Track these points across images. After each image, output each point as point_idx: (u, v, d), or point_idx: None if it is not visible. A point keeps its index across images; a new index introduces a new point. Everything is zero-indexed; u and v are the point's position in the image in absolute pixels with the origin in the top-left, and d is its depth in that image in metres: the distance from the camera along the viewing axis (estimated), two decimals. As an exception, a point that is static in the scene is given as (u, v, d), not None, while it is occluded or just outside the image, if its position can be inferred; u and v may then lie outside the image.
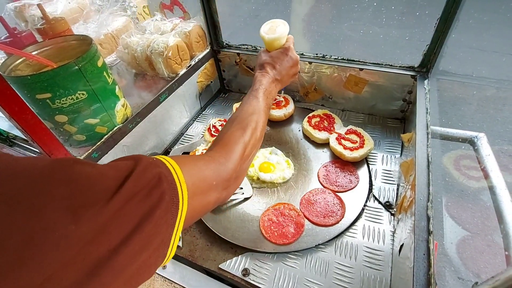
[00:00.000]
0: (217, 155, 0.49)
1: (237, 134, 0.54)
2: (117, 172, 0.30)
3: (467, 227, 0.96)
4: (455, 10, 0.72)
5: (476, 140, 0.80)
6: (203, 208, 0.43)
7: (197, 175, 0.41)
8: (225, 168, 0.48)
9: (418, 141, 0.68)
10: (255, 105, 0.61)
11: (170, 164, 0.36)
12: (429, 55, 0.83)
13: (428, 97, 0.79)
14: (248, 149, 0.54)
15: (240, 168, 0.52)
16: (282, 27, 0.72)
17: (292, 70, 0.73)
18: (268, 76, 0.68)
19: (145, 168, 0.32)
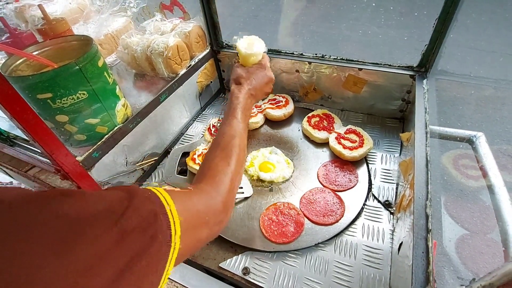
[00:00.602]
0: (208, 188, 0.49)
1: (223, 164, 0.54)
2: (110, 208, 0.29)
3: (466, 226, 0.96)
4: (454, 11, 0.73)
5: (475, 140, 0.81)
6: (194, 245, 0.43)
7: (190, 210, 0.41)
8: (216, 202, 0.48)
9: (417, 141, 0.68)
10: (235, 127, 0.61)
11: (164, 198, 0.36)
12: (428, 55, 0.84)
13: (427, 96, 0.79)
14: (235, 178, 0.54)
15: (229, 200, 0.52)
16: (258, 44, 0.74)
17: (266, 88, 0.73)
18: (244, 90, 0.68)
19: (140, 205, 0.31)
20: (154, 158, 0.96)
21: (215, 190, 0.49)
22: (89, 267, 0.24)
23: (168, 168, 0.92)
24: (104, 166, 0.77)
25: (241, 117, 0.63)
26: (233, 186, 0.54)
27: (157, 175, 0.95)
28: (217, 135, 0.61)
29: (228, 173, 0.53)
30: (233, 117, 0.63)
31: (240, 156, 0.57)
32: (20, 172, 0.95)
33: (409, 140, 0.79)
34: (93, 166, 0.74)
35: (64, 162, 0.63)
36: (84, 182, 0.71)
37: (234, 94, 0.67)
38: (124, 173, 0.85)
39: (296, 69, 1.04)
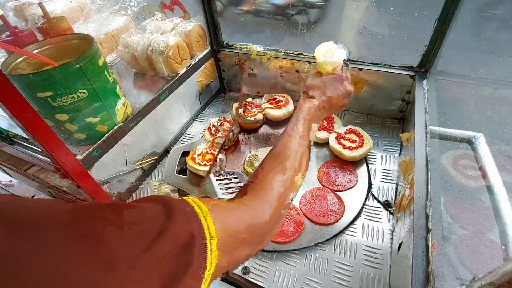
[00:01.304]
0: (255, 204, 0.44)
1: (278, 178, 0.48)
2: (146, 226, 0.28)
3: (465, 226, 0.96)
4: (453, 11, 0.73)
5: (474, 140, 0.81)
6: (230, 266, 0.38)
7: (230, 228, 0.37)
8: (262, 221, 0.42)
9: (417, 141, 0.68)
10: (299, 140, 0.54)
11: (202, 214, 0.33)
12: (428, 56, 0.84)
13: (427, 97, 0.79)
14: (288, 196, 0.48)
15: (276, 220, 0.46)
16: (340, 51, 0.66)
17: (343, 101, 0.64)
18: (315, 102, 0.60)
19: (178, 225, 0.30)
20: (154, 157, 0.96)
21: (262, 207, 0.44)
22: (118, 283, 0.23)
23: (168, 168, 0.92)
24: (104, 165, 0.77)
25: (306, 130, 0.56)
26: (283, 205, 0.47)
27: (157, 174, 0.95)
28: (277, 146, 0.54)
29: (280, 190, 0.47)
30: (297, 129, 0.55)
31: (298, 174, 0.51)
32: (19, 171, 0.95)
33: (409, 140, 0.79)
34: (93, 165, 0.74)
35: (64, 161, 0.63)
36: (84, 181, 0.70)
37: (303, 104, 0.60)
38: (124, 172, 0.85)
39: (296, 69, 1.04)
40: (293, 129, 0.55)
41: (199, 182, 0.86)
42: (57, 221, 0.24)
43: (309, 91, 0.63)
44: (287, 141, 0.54)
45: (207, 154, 0.90)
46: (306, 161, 0.54)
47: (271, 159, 0.51)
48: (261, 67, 1.11)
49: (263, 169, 0.50)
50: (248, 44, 1.10)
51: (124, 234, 0.26)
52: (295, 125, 0.56)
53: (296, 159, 0.52)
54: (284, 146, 0.53)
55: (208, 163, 0.87)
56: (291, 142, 0.53)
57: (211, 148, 0.92)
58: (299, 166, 0.52)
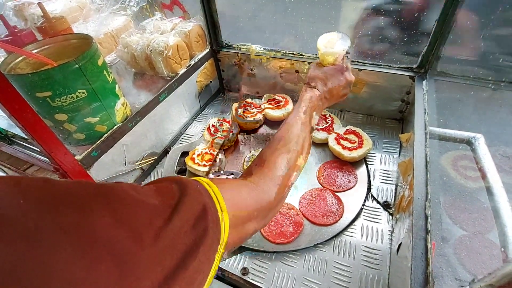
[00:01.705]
0: (261, 182, 0.46)
1: (282, 158, 0.51)
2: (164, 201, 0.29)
3: (464, 227, 0.96)
4: (453, 12, 0.73)
5: (474, 141, 0.81)
6: (240, 239, 0.41)
7: (239, 204, 0.39)
8: (268, 197, 0.45)
9: (416, 141, 0.68)
10: (301, 125, 0.57)
11: (212, 191, 0.35)
12: (427, 56, 0.84)
13: (426, 97, 0.79)
14: (292, 175, 0.51)
15: (281, 196, 0.49)
16: (341, 42, 0.67)
17: (343, 91, 0.67)
18: (317, 92, 0.63)
19: (191, 198, 0.31)
20: (153, 157, 0.96)
21: (267, 185, 0.46)
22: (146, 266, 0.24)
23: (167, 168, 0.92)
24: (103, 165, 0.77)
25: (308, 117, 0.60)
26: (287, 184, 0.50)
27: (156, 175, 0.95)
28: (281, 130, 0.57)
29: (285, 169, 0.50)
30: (300, 114, 0.59)
31: (301, 155, 0.55)
32: (18, 171, 0.95)
33: (409, 141, 0.79)
34: (92, 165, 0.74)
35: (63, 161, 0.63)
36: (83, 181, 0.70)
37: (305, 94, 0.63)
38: (123, 172, 0.85)
39: (295, 69, 1.04)
40: (296, 116, 0.59)
41: (198, 183, 0.86)
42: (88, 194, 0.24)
43: (311, 81, 0.65)
44: (290, 126, 0.57)
45: (207, 154, 0.90)
46: (308, 145, 0.57)
47: (275, 141, 0.54)
48: (261, 68, 1.11)
49: (267, 150, 0.53)
50: (247, 44, 1.10)
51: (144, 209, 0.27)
52: (298, 113, 0.59)
53: (299, 143, 0.55)
54: (287, 130, 0.56)
55: (207, 164, 0.87)
56: (294, 127, 0.56)
57: (210, 148, 0.92)
58: (302, 149, 0.55)
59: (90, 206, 0.24)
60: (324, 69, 0.67)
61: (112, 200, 0.25)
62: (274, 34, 2.88)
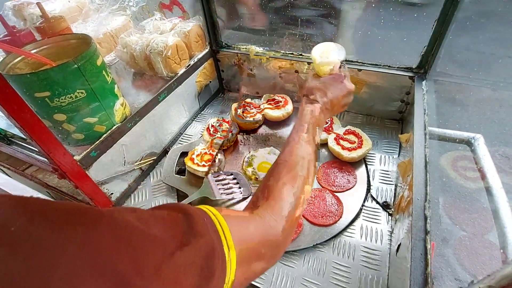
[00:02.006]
0: (267, 216, 0.43)
1: (288, 187, 0.48)
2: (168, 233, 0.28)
3: (464, 227, 0.96)
4: (453, 13, 0.73)
5: (473, 141, 0.81)
6: (246, 280, 0.38)
7: (247, 241, 0.37)
8: (275, 233, 0.43)
9: (416, 142, 0.68)
10: (305, 146, 0.54)
11: (219, 224, 0.34)
12: (427, 57, 0.84)
13: (426, 98, 0.79)
14: (300, 204, 0.48)
15: (290, 230, 0.46)
16: (337, 52, 0.66)
17: (345, 100, 0.65)
18: (317, 105, 0.60)
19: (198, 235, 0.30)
20: (152, 157, 0.96)
21: (274, 219, 0.44)
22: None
23: (166, 168, 0.92)
24: (102, 166, 0.77)
25: (311, 133, 0.56)
26: (296, 215, 0.47)
27: (155, 175, 0.95)
28: (283, 153, 0.53)
29: (292, 200, 0.47)
30: (302, 133, 0.55)
31: (308, 179, 0.51)
32: (17, 171, 0.95)
33: (408, 142, 0.79)
34: (91, 165, 0.74)
35: (61, 161, 0.63)
36: (82, 182, 0.70)
37: (305, 108, 0.59)
38: (122, 173, 0.85)
39: (295, 70, 1.04)
40: (298, 135, 0.55)
41: (197, 183, 0.86)
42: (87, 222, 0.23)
43: (309, 94, 0.62)
44: (293, 147, 0.53)
45: (206, 154, 0.90)
46: (314, 167, 0.54)
47: (279, 168, 0.50)
48: (260, 68, 1.11)
49: (272, 179, 0.49)
50: (247, 45, 1.10)
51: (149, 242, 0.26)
52: (300, 131, 0.56)
53: (304, 166, 0.51)
54: (291, 153, 0.52)
55: (206, 164, 0.87)
56: (298, 148, 0.53)
57: (209, 149, 0.92)
58: (307, 174, 0.51)
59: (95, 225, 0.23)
60: (322, 79, 0.65)
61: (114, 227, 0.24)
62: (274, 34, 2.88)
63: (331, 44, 0.68)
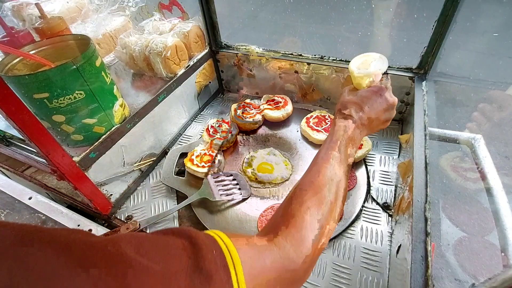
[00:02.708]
0: (287, 246, 0.38)
1: (313, 213, 0.42)
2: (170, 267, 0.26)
3: (464, 228, 0.96)
4: (453, 13, 0.73)
5: (474, 142, 0.81)
6: None
7: (261, 277, 0.33)
8: (295, 267, 0.37)
9: (416, 143, 0.68)
10: (335, 166, 0.48)
11: (232, 259, 0.30)
12: (427, 57, 0.84)
13: (426, 98, 0.79)
14: (324, 235, 0.42)
15: (311, 264, 0.41)
16: (378, 62, 0.60)
17: (385, 115, 0.57)
18: (351, 120, 0.53)
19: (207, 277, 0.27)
20: (151, 158, 0.96)
21: (295, 251, 0.38)
22: None
23: (165, 169, 0.91)
24: (101, 167, 0.77)
25: (344, 152, 0.50)
26: (320, 246, 0.42)
27: (155, 176, 0.94)
28: (310, 173, 0.48)
29: (316, 228, 0.41)
30: (333, 152, 0.49)
31: (335, 207, 0.45)
32: (16, 172, 0.95)
33: (408, 142, 0.79)
34: (90, 166, 0.74)
35: (60, 163, 0.62)
36: (81, 183, 0.70)
37: (338, 123, 0.53)
38: (121, 174, 0.84)
39: (295, 70, 1.04)
40: (328, 153, 0.49)
41: (197, 184, 0.85)
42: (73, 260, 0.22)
43: (343, 109, 0.56)
44: (321, 167, 0.47)
45: (205, 155, 0.90)
46: (344, 191, 0.48)
47: (304, 189, 0.45)
48: (260, 68, 1.11)
49: (294, 203, 0.43)
50: (246, 45, 1.10)
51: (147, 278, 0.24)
52: (330, 149, 0.50)
53: (332, 190, 0.45)
54: (318, 173, 0.46)
55: (206, 165, 0.87)
56: (327, 168, 0.47)
57: (209, 150, 0.92)
58: (335, 198, 0.45)
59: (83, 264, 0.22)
60: (358, 92, 0.58)
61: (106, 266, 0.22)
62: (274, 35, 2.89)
63: (372, 55, 0.62)
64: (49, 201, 0.85)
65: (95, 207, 0.77)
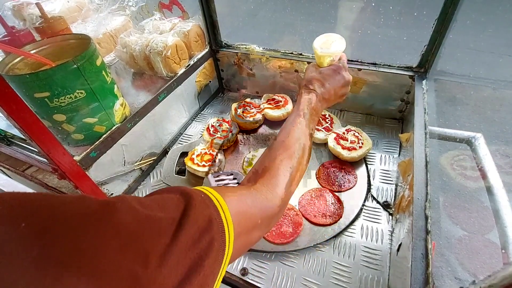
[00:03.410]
0: (264, 189, 0.47)
1: (284, 164, 0.51)
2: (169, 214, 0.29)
3: (464, 227, 0.96)
4: (453, 11, 0.73)
5: (474, 141, 0.81)
6: (244, 248, 0.41)
7: (243, 213, 0.39)
8: (272, 205, 0.46)
9: (416, 141, 0.68)
10: (301, 128, 0.57)
11: (218, 201, 0.35)
12: (427, 56, 0.84)
13: (426, 97, 0.79)
14: (294, 181, 0.52)
15: (285, 203, 0.49)
16: (338, 42, 0.67)
17: (342, 91, 0.67)
18: (315, 93, 0.63)
19: (197, 211, 0.31)
20: (152, 157, 0.96)
21: (271, 193, 0.47)
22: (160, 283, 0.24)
23: (166, 168, 0.92)
24: (102, 166, 0.77)
25: (308, 119, 0.59)
26: (291, 191, 0.51)
27: (155, 175, 0.95)
28: (281, 134, 0.57)
29: (287, 176, 0.50)
30: (300, 118, 0.58)
31: (303, 159, 0.54)
32: (17, 172, 0.95)
33: (408, 141, 0.79)
34: (90, 165, 0.74)
35: (61, 162, 0.63)
36: (82, 182, 0.70)
37: (303, 96, 0.62)
38: (122, 173, 0.85)
39: (295, 69, 1.04)
40: (295, 120, 0.58)
41: (197, 183, 0.86)
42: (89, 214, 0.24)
43: (308, 84, 0.65)
44: (290, 130, 0.56)
45: (206, 154, 0.90)
46: (309, 148, 0.57)
47: (276, 147, 0.54)
48: (260, 67, 1.11)
49: (269, 157, 0.52)
50: (247, 44, 1.10)
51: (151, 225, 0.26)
52: (297, 116, 0.59)
53: (300, 148, 0.54)
54: (287, 135, 0.55)
55: (206, 164, 0.87)
56: (294, 131, 0.56)
57: (209, 149, 0.92)
58: (303, 153, 0.54)
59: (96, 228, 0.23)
60: (320, 70, 0.67)
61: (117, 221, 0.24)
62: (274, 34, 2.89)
63: (332, 35, 0.69)
64: (50, 200, 0.85)
65: (96, 206, 0.77)
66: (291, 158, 0.52)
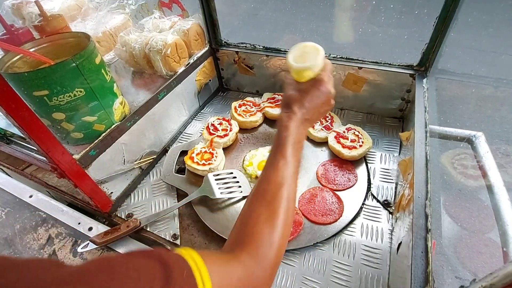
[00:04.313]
0: (250, 263, 0.41)
1: (269, 228, 0.44)
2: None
3: (464, 225, 0.96)
4: (454, 9, 0.72)
5: (474, 139, 0.81)
6: None
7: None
8: (258, 281, 0.41)
9: (417, 140, 0.68)
10: (283, 170, 0.50)
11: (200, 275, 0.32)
12: (428, 54, 0.83)
13: (427, 96, 0.79)
14: (282, 246, 0.45)
15: (273, 274, 0.44)
16: (314, 53, 0.57)
17: (324, 108, 0.58)
18: (295, 117, 0.55)
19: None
20: (152, 156, 0.95)
21: (258, 266, 0.41)
22: None
23: (166, 167, 0.91)
24: (101, 165, 0.77)
25: (291, 154, 0.51)
26: (280, 256, 0.45)
27: (155, 174, 0.94)
28: (261, 181, 0.50)
29: (274, 241, 0.44)
30: (281, 156, 0.51)
31: (289, 212, 0.48)
32: (17, 170, 0.95)
33: (409, 140, 0.78)
34: (90, 164, 0.74)
35: (60, 161, 0.62)
36: (81, 181, 0.70)
37: (283, 123, 0.54)
38: (121, 172, 0.84)
39: (295, 68, 1.04)
40: (277, 159, 0.51)
41: (197, 182, 0.85)
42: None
43: (286, 106, 0.57)
44: (270, 175, 0.50)
45: (206, 153, 0.90)
46: (294, 193, 0.51)
47: (259, 199, 0.48)
48: (260, 66, 1.10)
49: (250, 216, 0.47)
50: (247, 43, 1.10)
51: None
52: (278, 153, 0.52)
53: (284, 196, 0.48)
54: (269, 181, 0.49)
55: (206, 163, 0.87)
56: (277, 173, 0.50)
57: (209, 147, 0.91)
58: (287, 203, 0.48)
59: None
60: (299, 87, 0.58)
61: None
62: (274, 32, 2.88)
63: (306, 46, 0.59)
64: (50, 199, 0.85)
65: (96, 205, 0.77)
66: (275, 216, 0.46)
